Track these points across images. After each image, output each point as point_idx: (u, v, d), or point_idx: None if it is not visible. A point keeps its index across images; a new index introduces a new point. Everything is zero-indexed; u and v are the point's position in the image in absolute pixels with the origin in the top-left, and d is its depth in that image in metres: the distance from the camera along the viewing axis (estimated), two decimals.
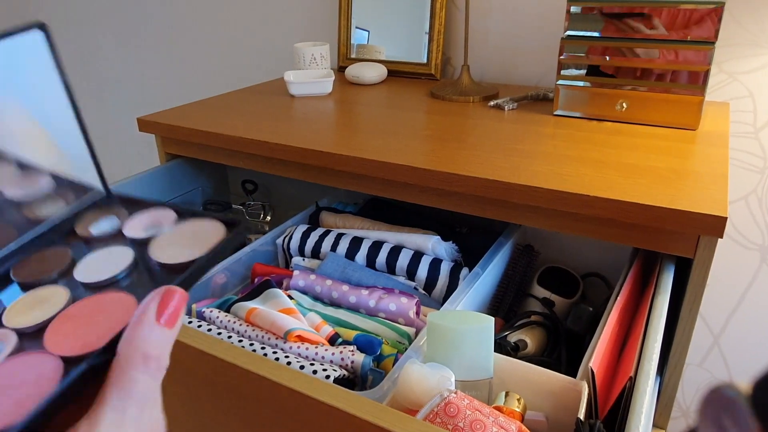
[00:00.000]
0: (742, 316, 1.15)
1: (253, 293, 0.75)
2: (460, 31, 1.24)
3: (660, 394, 0.75)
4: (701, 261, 0.64)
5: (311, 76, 1.18)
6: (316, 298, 0.80)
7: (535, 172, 0.72)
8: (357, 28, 1.29)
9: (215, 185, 1.19)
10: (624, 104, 0.90)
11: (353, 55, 1.31)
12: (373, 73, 1.20)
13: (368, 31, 1.28)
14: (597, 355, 0.57)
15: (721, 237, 0.61)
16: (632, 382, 0.53)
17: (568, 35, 0.91)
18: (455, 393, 0.50)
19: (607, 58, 0.89)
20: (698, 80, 0.84)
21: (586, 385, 0.55)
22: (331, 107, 1.05)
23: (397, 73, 1.27)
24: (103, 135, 2.01)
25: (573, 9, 0.89)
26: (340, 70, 1.34)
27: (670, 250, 0.66)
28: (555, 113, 0.96)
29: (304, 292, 0.80)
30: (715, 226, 0.60)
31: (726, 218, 0.60)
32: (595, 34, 0.89)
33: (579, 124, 0.91)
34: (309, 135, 0.89)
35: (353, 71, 1.21)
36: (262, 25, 1.51)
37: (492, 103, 1.03)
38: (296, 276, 0.81)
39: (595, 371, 0.55)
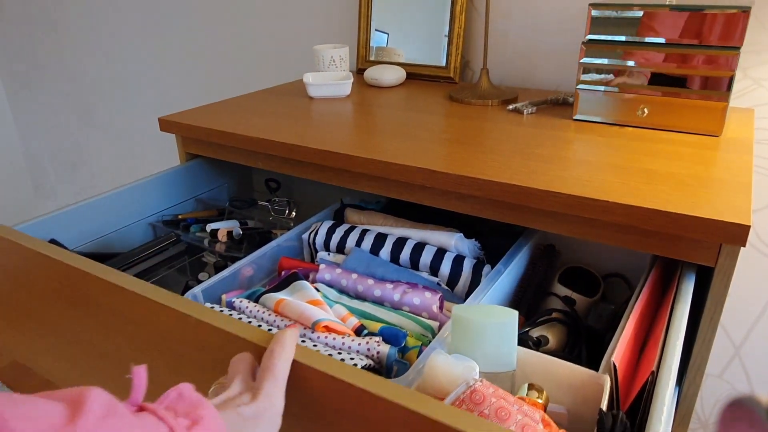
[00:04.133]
0: (765, 327, 1.13)
1: (281, 285, 0.77)
2: (479, 34, 1.23)
3: (679, 405, 0.74)
4: (723, 270, 0.63)
5: (330, 78, 1.18)
6: (342, 291, 0.82)
7: (554, 176, 0.72)
8: (376, 30, 1.30)
9: (240, 183, 1.20)
10: (645, 109, 0.88)
11: (372, 58, 1.31)
12: (392, 75, 1.20)
13: (387, 34, 1.29)
14: (619, 351, 0.57)
15: (744, 246, 0.60)
16: (654, 376, 0.53)
17: (590, 39, 0.90)
18: (481, 381, 0.50)
19: (629, 62, 0.88)
20: (723, 86, 0.82)
21: (608, 379, 0.55)
22: (350, 109, 1.05)
23: (416, 75, 1.27)
24: (125, 134, 2.04)
25: (594, 13, 0.88)
26: (359, 72, 1.34)
27: (691, 258, 0.64)
28: (575, 118, 0.95)
29: (330, 285, 0.82)
30: (738, 234, 0.59)
31: (749, 227, 0.59)
32: (617, 38, 0.88)
33: (599, 129, 0.90)
34: (327, 137, 0.89)
35: (372, 74, 1.21)
36: (282, 27, 1.53)
37: (511, 106, 1.02)
38: (322, 269, 0.82)
39: (617, 365, 0.55)
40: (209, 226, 1.00)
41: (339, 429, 0.47)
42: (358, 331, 0.70)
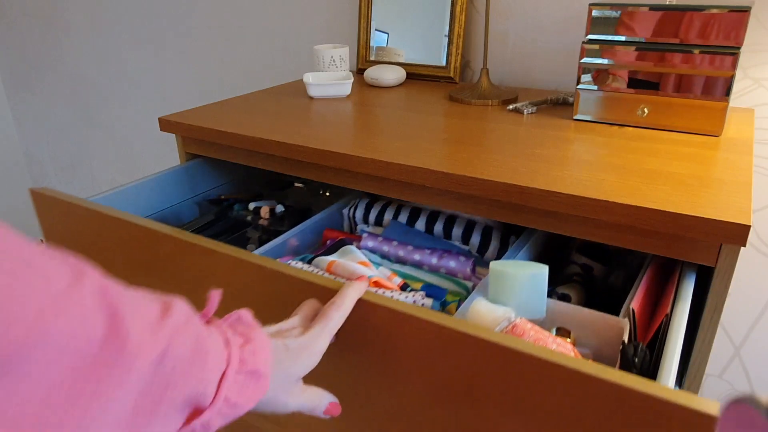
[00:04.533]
0: (765, 327, 1.13)
1: (330, 250, 0.87)
2: (479, 34, 1.23)
3: None
4: (723, 270, 0.63)
5: (330, 78, 1.18)
6: (384, 256, 0.90)
7: (554, 176, 0.72)
8: (376, 30, 1.30)
9: (243, 180, 1.21)
10: (645, 109, 0.88)
11: (372, 58, 1.31)
12: (392, 75, 1.20)
13: (387, 34, 1.29)
14: (636, 300, 0.64)
15: (744, 245, 0.60)
16: (668, 318, 0.58)
17: (590, 39, 0.90)
18: (520, 318, 0.60)
19: (629, 62, 0.88)
20: (722, 86, 0.82)
21: (628, 321, 0.63)
22: (350, 109, 1.05)
23: (416, 75, 1.27)
24: (125, 134, 2.04)
25: (595, 13, 0.88)
26: (359, 72, 1.34)
27: (691, 258, 0.64)
28: (575, 118, 0.95)
29: (372, 251, 0.91)
30: (738, 234, 0.59)
31: (749, 226, 0.59)
32: (617, 38, 0.88)
33: (599, 129, 0.90)
34: (327, 137, 0.89)
35: (372, 74, 1.21)
36: (282, 27, 1.53)
37: (511, 106, 1.02)
38: (365, 238, 0.91)
39: (635, 310, 0.61)
40: (251, 205, 1.07)
41: (405, 357, 0.53)
42: (403, 288, 0.78)
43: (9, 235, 0.26)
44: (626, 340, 0.59)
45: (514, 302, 0.65)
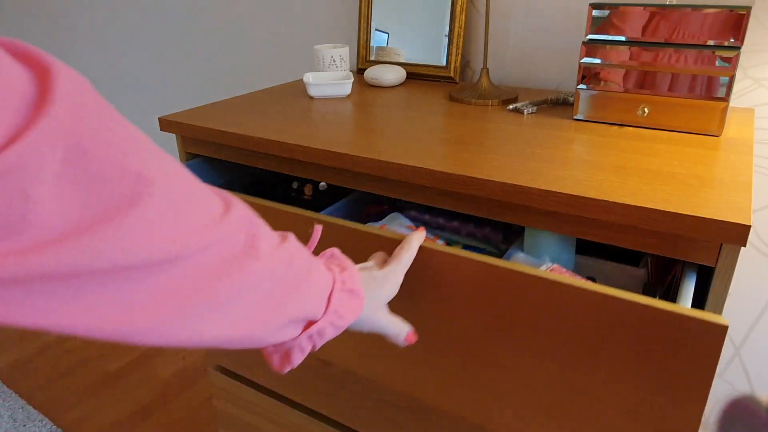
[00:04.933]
0: (765, 327, 1.13)
1: (379, 217, 0.97)
2: (480, 34, 1.23)
3: None
4: (723, 270, 0.63)
5: (330, 78, 1.18)
6: (425, 224, 0.99)
7: (554, 176, 0.72)
8: (376, 30, 1.30)
9: (245, 177, 1.20)
10: (645, 109, 0.88)
11: (372, 58, 1.31)
12: (392, 75, 1.20)
13: (388, 34, 1.29)
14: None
15: (744, 245, 0.60)
16: (682, 267, 0.65)
17: (590, 39, 0.90)
18: (556, 265, 0.69)
19: (629, 62, 0.88)
20: (723, 86, 0.82)
21: (646, 270, 0.73)
22: (350, 109, 1.05)
23: (416, 75, 1.27)
24: None
25: (595, 13, 0.88)
26: (359, 72, 1.34)
27: (692, 258, 0.64)
28: (575, 118, 0.95)
29: (414, 220, 1.00)
30: (738, 234, 0.59)
31: (749, 226, 0.59)
32: (617, 37, 0.88)
33: (599, 129, 0.90)
34: (327, 136, 0.89)
35: (372, 73, 1.21)
36: (282, 26, 1.53)
37: (511, 106, 1.02)
38: (407, 210, 1.00)
39: (650, 261, 0.74)
40: (295, 183, 1.14)
41: (458, 294, 0.63)
42: None
43: (184, 169, 0.36)
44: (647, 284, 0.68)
45: (547, 255, 0.76)
